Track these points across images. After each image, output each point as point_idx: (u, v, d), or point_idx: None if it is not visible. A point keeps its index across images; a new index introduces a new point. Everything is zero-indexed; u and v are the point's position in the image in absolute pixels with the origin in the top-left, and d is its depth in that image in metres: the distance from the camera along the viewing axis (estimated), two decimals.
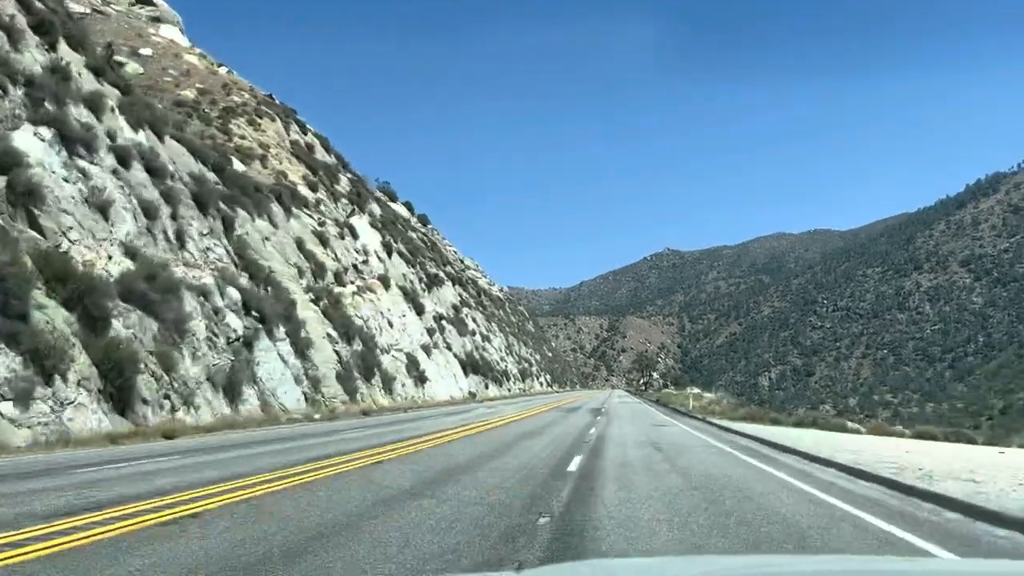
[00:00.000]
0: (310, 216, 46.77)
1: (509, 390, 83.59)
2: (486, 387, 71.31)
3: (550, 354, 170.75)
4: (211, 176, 36.74)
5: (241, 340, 30.07)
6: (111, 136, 29.02)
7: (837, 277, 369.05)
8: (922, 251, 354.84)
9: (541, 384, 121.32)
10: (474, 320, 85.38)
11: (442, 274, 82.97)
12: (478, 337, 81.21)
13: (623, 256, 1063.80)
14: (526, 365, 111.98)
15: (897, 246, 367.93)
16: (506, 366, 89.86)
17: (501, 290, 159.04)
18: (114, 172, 27.64)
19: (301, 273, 39.35)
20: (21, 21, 27.33)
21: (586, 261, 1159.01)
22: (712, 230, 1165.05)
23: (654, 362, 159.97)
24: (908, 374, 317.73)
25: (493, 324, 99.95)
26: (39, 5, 29.74)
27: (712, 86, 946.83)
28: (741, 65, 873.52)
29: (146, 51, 55.89)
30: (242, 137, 48.19)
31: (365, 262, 54.50)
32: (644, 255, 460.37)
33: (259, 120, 51.92)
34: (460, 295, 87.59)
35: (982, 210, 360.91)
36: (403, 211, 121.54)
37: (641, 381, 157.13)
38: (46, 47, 28.55)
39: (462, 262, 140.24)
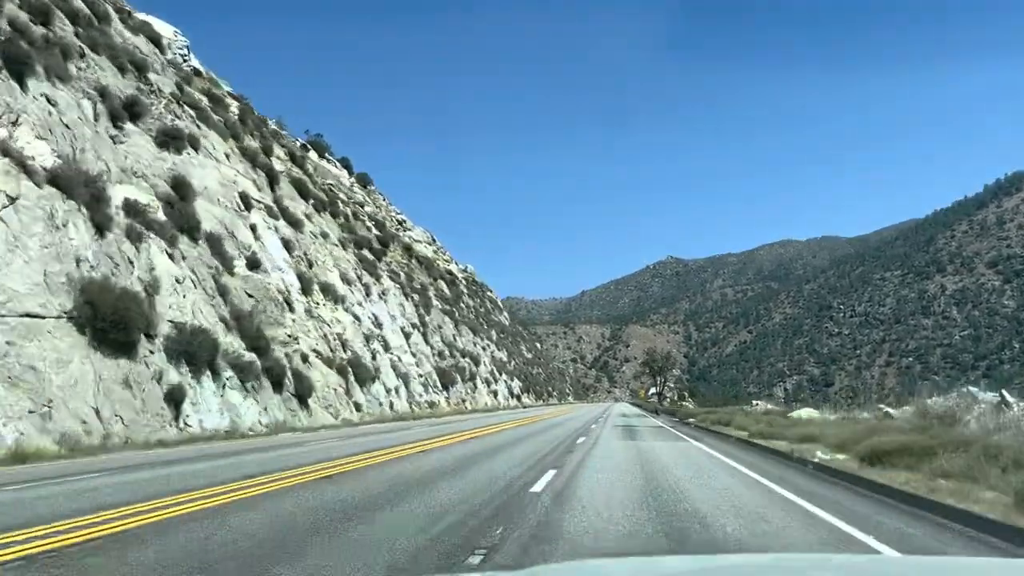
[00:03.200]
0: None
1: (359, 410, 30.72)
2: (233, 415, 18.57)
3: (529, 355, 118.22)
4: None
5: None
6: None
7: (852, 281, 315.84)
8: (944, 253, 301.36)
9: (497, 396, 68.59)
10: (292, 246, 33.05)
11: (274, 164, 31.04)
12: (276, 273, 28.78)
13: (625, 265, 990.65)
14: (465, 363, 59.24)
15: (916, 248, 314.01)
16: (391, 360, 37.11)
17: (464, 270, 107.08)
18: None
19: None
20: None
21: (587, 271, 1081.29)
22: (716, 238, 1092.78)
23: (669, 363, 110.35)
24: (938, 384, 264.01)
25: (388, 283, 47.52)
26: None
27: (714, 90, 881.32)
28: (743, 67, 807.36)
29: None
30: None
31: None
32: (647, 264, 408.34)
33: None
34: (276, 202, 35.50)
35: (1007, 209, 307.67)
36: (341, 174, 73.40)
37: (651, 391, 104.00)
38: None
39: (401, 225, 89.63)
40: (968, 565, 3.49)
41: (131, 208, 22.24)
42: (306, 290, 32.87)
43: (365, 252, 49.15)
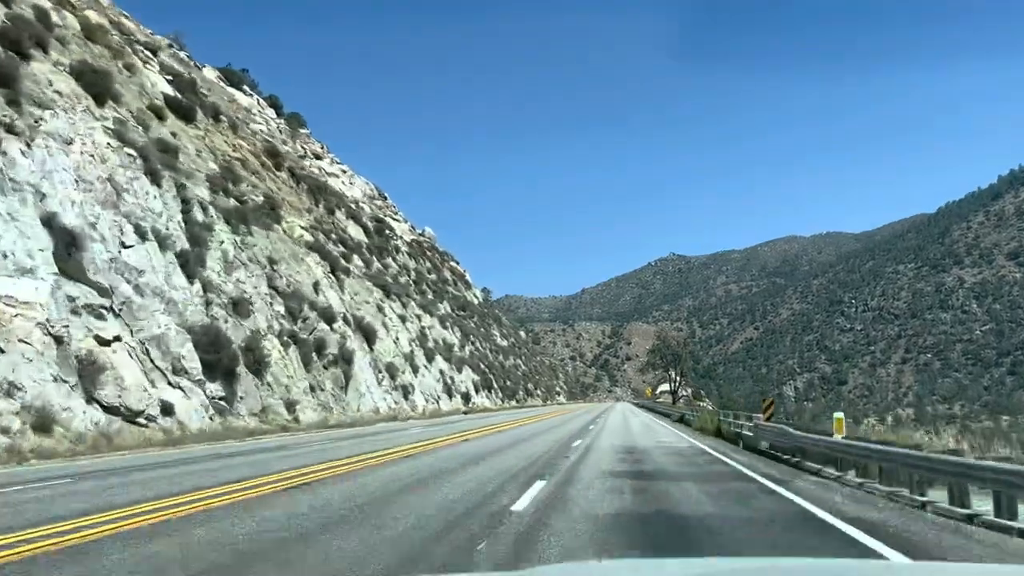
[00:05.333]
0: None
1: None
2: None
3: (504, 343, 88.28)
4: None
5: None
6: None
7: (864, 275, 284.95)
8: (960, 244, 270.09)
9: (410, 394, 38.19)
10: None
11: None
12: None
13: (626, 263, 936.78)
14: (335, 334, 29.08)
15: (930, 240, 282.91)
16: None
17: (421, 234, 77.69)
18: None
19: None
20: None
21: (587, 269, 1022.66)
22: (718, 235, 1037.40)
23: (686, 351, 79.36)
24: (960, 381, 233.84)
25: (97, 134, 17.15)
26: None
27: (717, 86, 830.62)
28: (748, 63, 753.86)
29: None
30: None
31: None
32: (648, 261, 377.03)
33: None
34: None
35: None
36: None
37: (660, 389, 74.17)
38: None
39: (318, 157, 62.08)
40: (976, 572, 3.34)
41: None
42: None
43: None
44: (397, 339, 39.13)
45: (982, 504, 7.93)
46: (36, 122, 18.29)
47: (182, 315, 20.22)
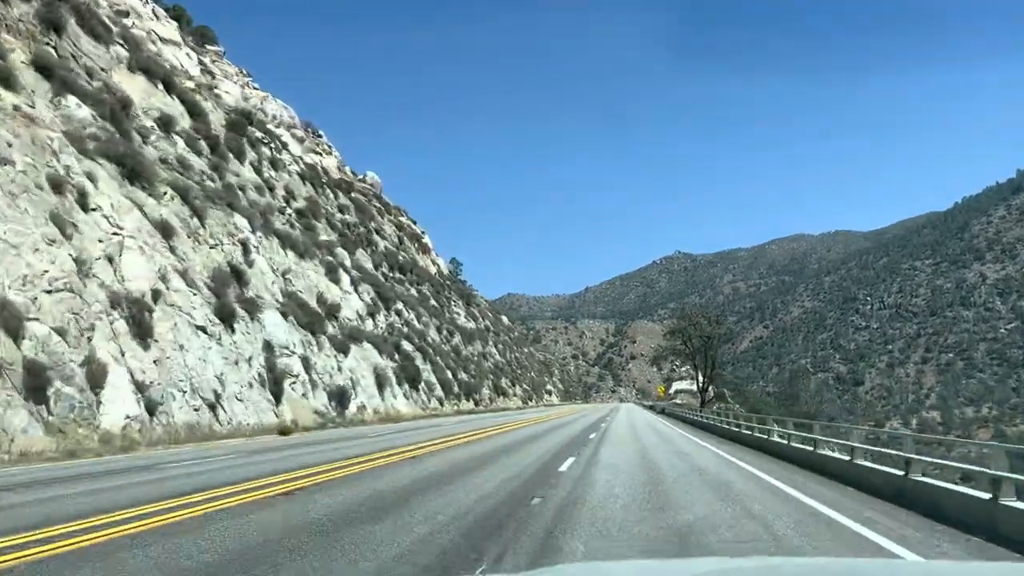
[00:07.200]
0: None
1: None
2: None
3: (470, 325, 64.68)
4: None
5: None
6: None
7: (878, 271, 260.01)
8: (981, 239, 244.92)
9: (116, 406, 14.92)
10: None
11: None
12: None
13: (631, 261, 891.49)
14: None
15: (949, 235, 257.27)
16: None
17: (362, 178, 54.53)
18: None
19: None
20: None
21: (591, 268, 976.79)
22: (725, 233, 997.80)
23: (721, 330, 54.98)
24: (986, 382, 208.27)
25: None
26: None
27: (722, 84, 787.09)
28: (754, 61, 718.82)
29: None
30: None
31: None
32: (654, 259, 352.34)
33: None
34: None
35: None
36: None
37: (673, 389, 50.24)
38: None
39: (152, 30, 38.31)
40: (987, 571, 3.09)
41: None
42: None
43: None
44: (89, 266, 15.62)
45: None
46: None
47: None
